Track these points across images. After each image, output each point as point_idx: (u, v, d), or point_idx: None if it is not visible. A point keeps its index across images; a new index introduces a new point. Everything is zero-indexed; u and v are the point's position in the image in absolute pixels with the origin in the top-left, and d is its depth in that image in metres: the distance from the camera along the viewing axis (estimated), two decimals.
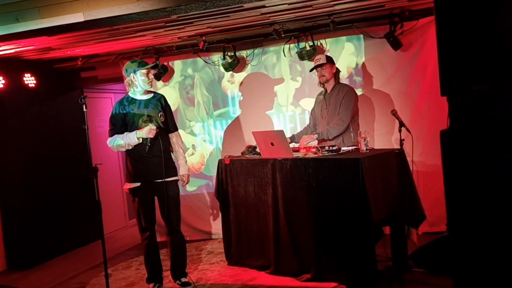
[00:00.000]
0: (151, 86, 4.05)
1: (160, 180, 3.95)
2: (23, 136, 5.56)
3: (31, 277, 5.09)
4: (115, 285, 4.43)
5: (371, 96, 5.17)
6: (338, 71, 4.58)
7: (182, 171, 4.17)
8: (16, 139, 5.50)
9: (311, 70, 4.65)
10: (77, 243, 6.08)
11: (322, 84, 4.58)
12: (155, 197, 4.07)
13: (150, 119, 3.95)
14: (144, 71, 3.91)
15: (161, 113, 4.03)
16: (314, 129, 4.71)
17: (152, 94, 4.09)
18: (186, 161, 4.24)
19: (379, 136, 5.10)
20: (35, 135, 5.69)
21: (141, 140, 3.87)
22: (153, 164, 3.93)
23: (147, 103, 4.01)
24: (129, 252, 5.63)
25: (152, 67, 4.03)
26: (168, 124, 4.10)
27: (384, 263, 4.10)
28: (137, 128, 3.91)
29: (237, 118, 5.75)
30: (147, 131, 3.84)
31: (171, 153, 4.15)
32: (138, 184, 3.96)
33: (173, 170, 4.09)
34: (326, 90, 4.58)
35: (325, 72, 4.48)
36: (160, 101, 4.07)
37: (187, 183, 4.22)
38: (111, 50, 5.55)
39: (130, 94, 4.03)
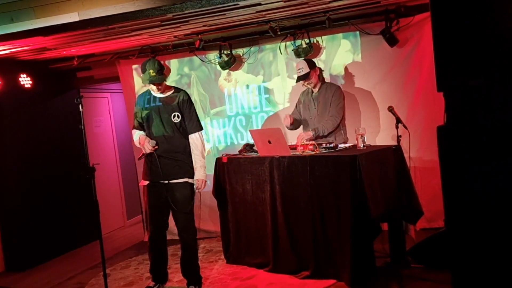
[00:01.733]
0: (160, 91, 3.87)
1: (165, 182, 3.84)
2: (20, 137, 5.54)
3: (30, 278, 5.08)
4: (113, 285, 4.43)
5: (368, 93, 5.17)
6: (321, 71, 4.60)
7: (196, 175, 3.93)
8: (13, 140, 5.48)
9: (297, 82, 4.63)
10: (75, 244, 6.07)
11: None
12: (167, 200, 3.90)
13: (157, 112, 3.84)
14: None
15: (176, 113, 3.86)
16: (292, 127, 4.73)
17: (171, 91, 3.94)
18: (203, 165, 3.95)
19: (375, 132, 5.10)
20: (32, 136, 5.67)
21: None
22: (163, 165, 3.82)
23: (163, 100, 3.89)
24: (128, 252, 5.63)
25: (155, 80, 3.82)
26: (185, 124, 3.90)
27: (382, 259, 4.12)
28: (149, 124, 3.89)
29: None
30: (140, 140, 3.86)
31: (184, 154, 3.92)
32: (147, 182, 3.94)
33: (183, 172, 3.89)
34: (312, 91, 4.60)
35: (311, 81, 4.51)
36: (177, 100, 3.88)
37: (202, 188, 3.97)
38: (106, 50, 5.54)
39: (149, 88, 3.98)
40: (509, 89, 2.13)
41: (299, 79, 4.55)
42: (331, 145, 4.06)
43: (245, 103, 5.71)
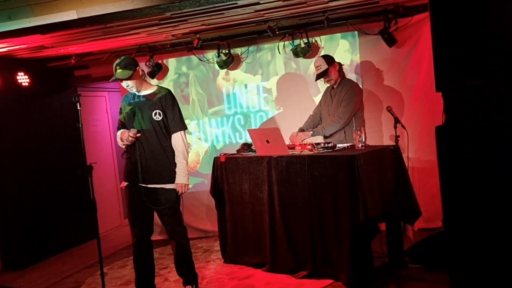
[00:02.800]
0: (131, 88, 3.69)
1: (145, 185, 3.68)
2: (17, 135, 5.53)
3: (26, 277, 5.06)
4: (110, 284, 4.42)
5: (366, 93, 5.16)
6: (340, 66, 4.52)
7: (176, 179, 3.70)
8: (10, 138, 5.46)
9: (316, 80, 4.60)
10: (72, 243, 6.06)
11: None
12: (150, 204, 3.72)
13: (134, 112, 3.67)
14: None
15: (158, 111, 3.65)
16: (314, 122, 4.68)
17: (154, 89, 3.76)
18: (184, 168, 3.71)
19: (374, 133, 5.10)
20: (29, 134, 5.66)
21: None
22: (142, 167, 3.65)
23: (144, 97, 3.73)
24: (125, 251, 5.61)
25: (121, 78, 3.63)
26: (168, 123, 3.70)
27: (380, 260, 4.11)
28: (131, 120, 3.69)
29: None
30: (121, 134, 3.68)
31: (165, 156, 3.70)
32: (126, 184, 3.79)
33: (164, 177, 3.69)
34: (332, 86, 4.56)
35: (331, 77, 4.45)
36: (160, 98, 3.68)
37: (182, 193, 3.74)
38: (104, 48, 5.53)
39: None
40: (507, 89, 2.13)
41: (318, 77, 4.48)
42: (329, 144, 4.06)
43: (244, 102, 5.71)
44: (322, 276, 3.88)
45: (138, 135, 3.65)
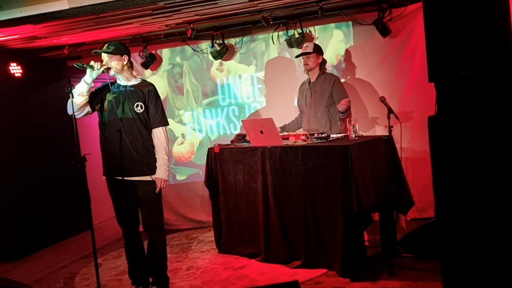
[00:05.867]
0: (112, 73, 3.67)
1: (120, 178, 3.64)
2: (10, 126, 5.49)
3: (21, 268, 5.06)
4: (105, 275, 4.43)
5: (360, 83, 5.17)
6: (324, 61, 4.63)
7: (156, 173, 3.62)
8: (3, 129, 5.43)
9: (297, 56, 4.70)
10: (67, 234, 6.04)
11: (307, 72, 4.65)
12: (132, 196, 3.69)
13: (119, 100, 3.59)
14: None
15: (140, 103, 3.59)
16: (299, 122, 4.79)
17: (139, 81, 3.71)
18: (165, 163, 3.65)
19: (368, 123, 5.11)
20: (23, 125, 5.62)
21: (88, 82, 3.63)
22: (120, 160, 3.61)
23: (132, 87, 3.65)
24: (119, 242, 5.59)
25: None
26: (148, 117, 3.63)
27: (373, 249, 4.14)
28: (114, 109, 3.59)
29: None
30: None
31: (144, 148, 3.62)
32: (105, 177, 3.77)
33: (140, 169, 3.59)
34: (310, 80, 4.64)
35: (309, 61, 4.55)
36: (143, 92, 3.63)
37: (160, 188, 3.64)
38: (98, 39, 5.48)
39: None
40: (499, 79, 2.14)
41: (301, 54, 4.58)
42: (323, 135, 4.08)
43: (238, 93, 5.70)
44: (315, 265, 3.90)
45: (105, 66, 3.61)
